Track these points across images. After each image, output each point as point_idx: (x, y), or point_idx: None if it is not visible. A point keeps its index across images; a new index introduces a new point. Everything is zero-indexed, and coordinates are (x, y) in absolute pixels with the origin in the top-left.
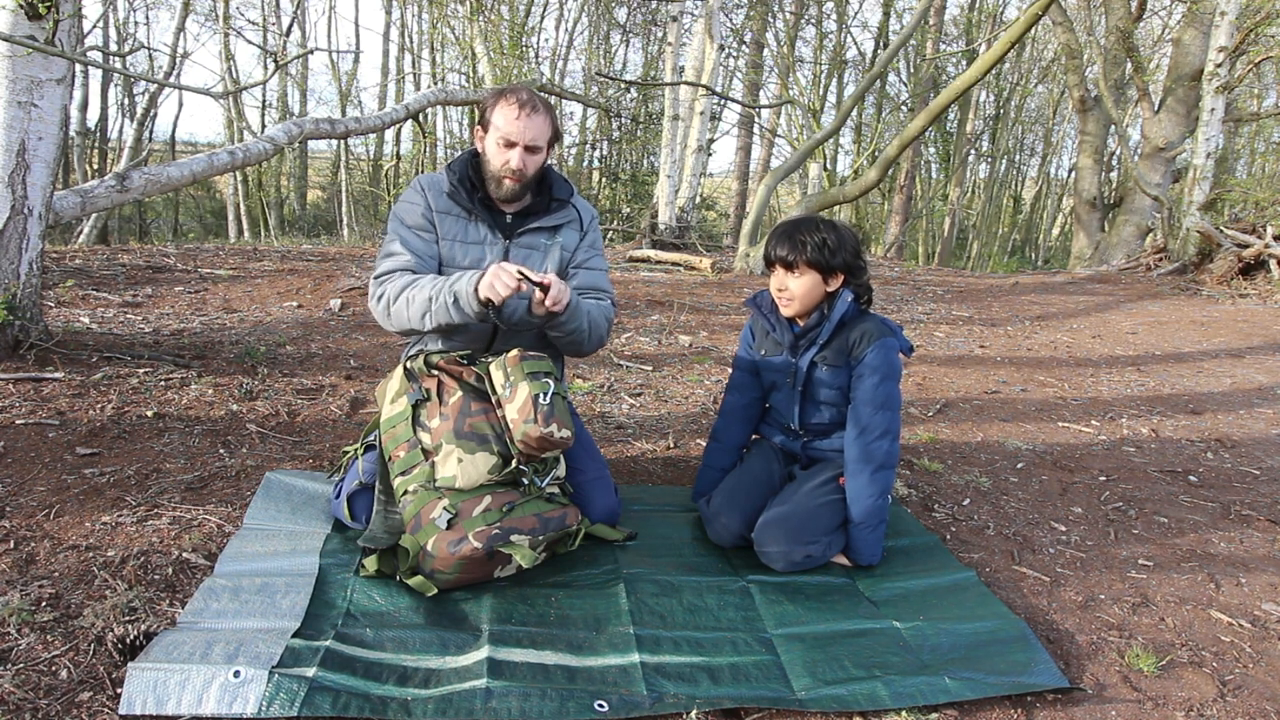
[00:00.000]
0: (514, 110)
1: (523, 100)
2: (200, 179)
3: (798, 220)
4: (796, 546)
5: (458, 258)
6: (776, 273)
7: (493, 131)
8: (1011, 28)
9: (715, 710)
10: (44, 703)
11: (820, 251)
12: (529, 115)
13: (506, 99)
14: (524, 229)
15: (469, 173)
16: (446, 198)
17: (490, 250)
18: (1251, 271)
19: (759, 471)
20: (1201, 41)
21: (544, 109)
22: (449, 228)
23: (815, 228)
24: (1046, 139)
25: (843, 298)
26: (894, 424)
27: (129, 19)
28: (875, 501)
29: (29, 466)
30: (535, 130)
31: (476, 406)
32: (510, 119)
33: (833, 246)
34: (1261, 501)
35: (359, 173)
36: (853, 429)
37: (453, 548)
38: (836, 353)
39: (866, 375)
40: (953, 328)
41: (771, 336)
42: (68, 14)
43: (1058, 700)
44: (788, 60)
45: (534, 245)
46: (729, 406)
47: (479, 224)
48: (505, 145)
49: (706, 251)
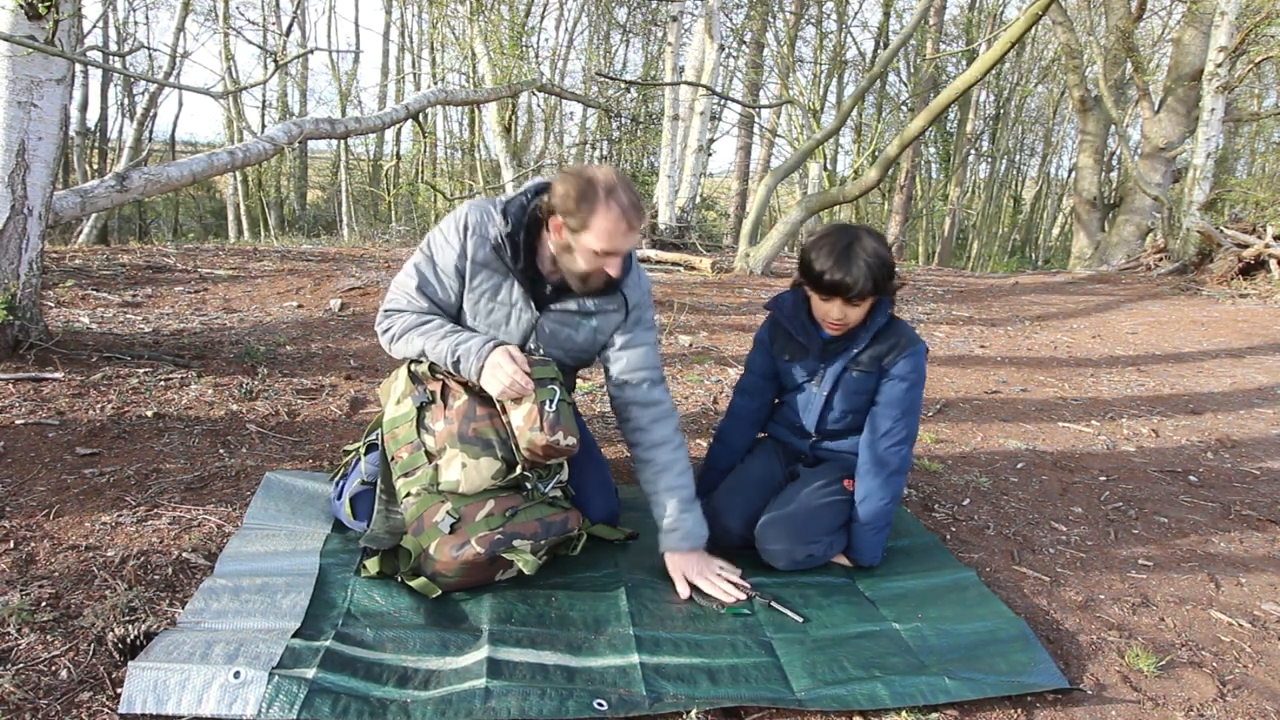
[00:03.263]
0: (623, 226)
1: (625, 206)
2: (200, 179)
3: (849, 242)
4: (799, 545)
5: (481, 312)
6: (833, 302)
7: (592, 239)
8: (1011, 28)
9: (715, 710)
10: (44, 703)
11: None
12: (633, 228)
13: (609, 206)
14: (560, 306)
15: (521, 234)
16: (490, 249)
17: (517, 316)
18: (1252, 271)
19: (759, 472)
20: (1201, 41)
21: (642, 210)
22: (481, 280)
23: (868, 249)
24: (1046, 139)
25: (882, 308)
26: (914, 431)
27: (129, 19)
28: (885, 505)
29: (29, 466)
30: (635, 239)
31: (481, 411)
32: (616, 234)
33: (889, 267)
34: (1261, 501)
35: (359, 173)
36: (872, 432)
37: (455, 552)
38: (871, 359)
39: (897, 381)
40: (953, 328)
41: (795, 341)
42: (68, 14)
43: (1058, 700)
44: (788, 60)
45: (566, 323)
46: (739, 410)
47: (515, 286)
48: (604, 255)
49: (706, 251)
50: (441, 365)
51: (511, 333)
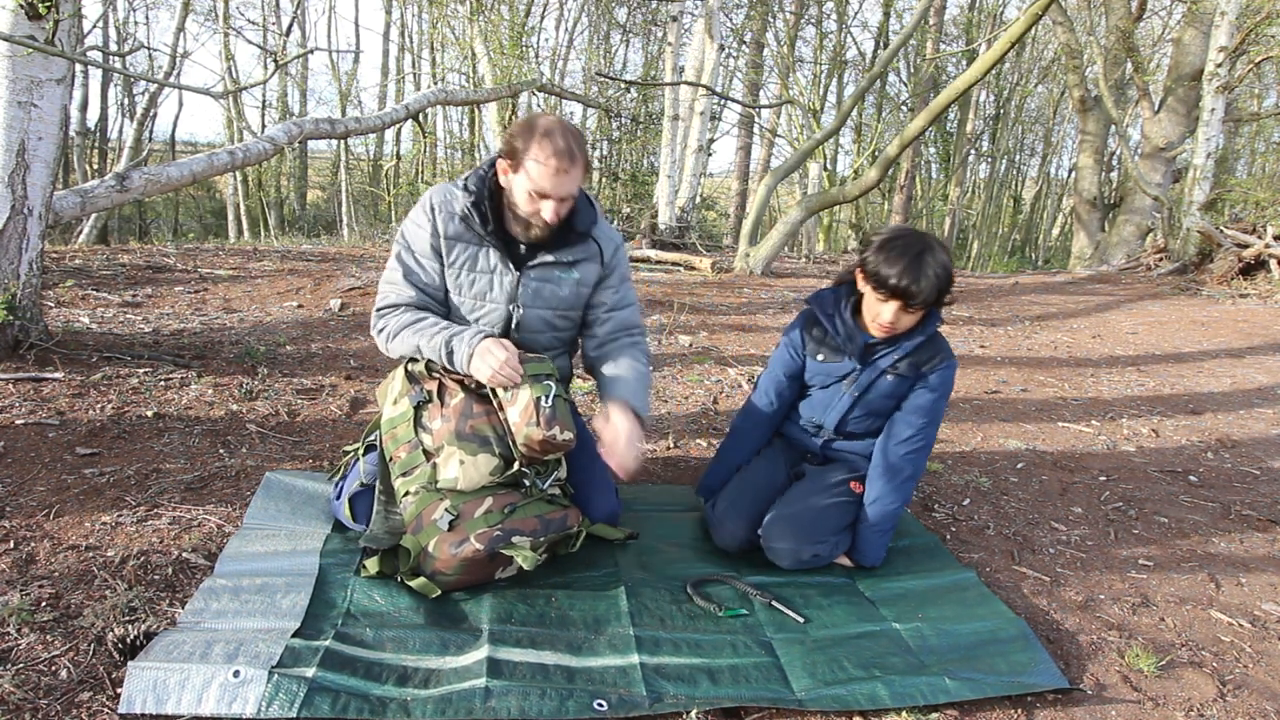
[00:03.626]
0: (552, 164)
1: (559, 149)
2: (200, 179)
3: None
4: (805, 545)
5: (464, 285)
6: (889, 305)
7: (525, 178)
8: (1011, 28)
9: (715, 710)
10: (44, 703)
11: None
12: (567, 170)
13: (542, 145)
14: (537, 262)
15: (485, 198)
16: (458, 221)
17: (499, 281)
18: (1252, 271)
19: (764, 475)
20: (1201, 41)
21: (580, 154)
22: (457, 254)
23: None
24: (1046, 139)
25: (934, 319)
26: (932, 441)
27: (129, 19)
28: (894, 509)
29: (29, 466)
30: (573, 183)
31: (478, 408)
32: (549, 174)
33: (952, 281)
34: (1261, 501)
35: (359, 173)
36: (889, 437)
37: (454, 549)
38: (910, 365)
39: (927, 391)
40: (953, 328)
41: (832, 341)
42: (68, 14)
43: (1058, 700)
44: (788, 60)
45: (547, 279)
46: (759, 412)
47: (490, 251)
48: (539, 197)
49: (706, 251)
50: (436, 359)
51: (497, 298)
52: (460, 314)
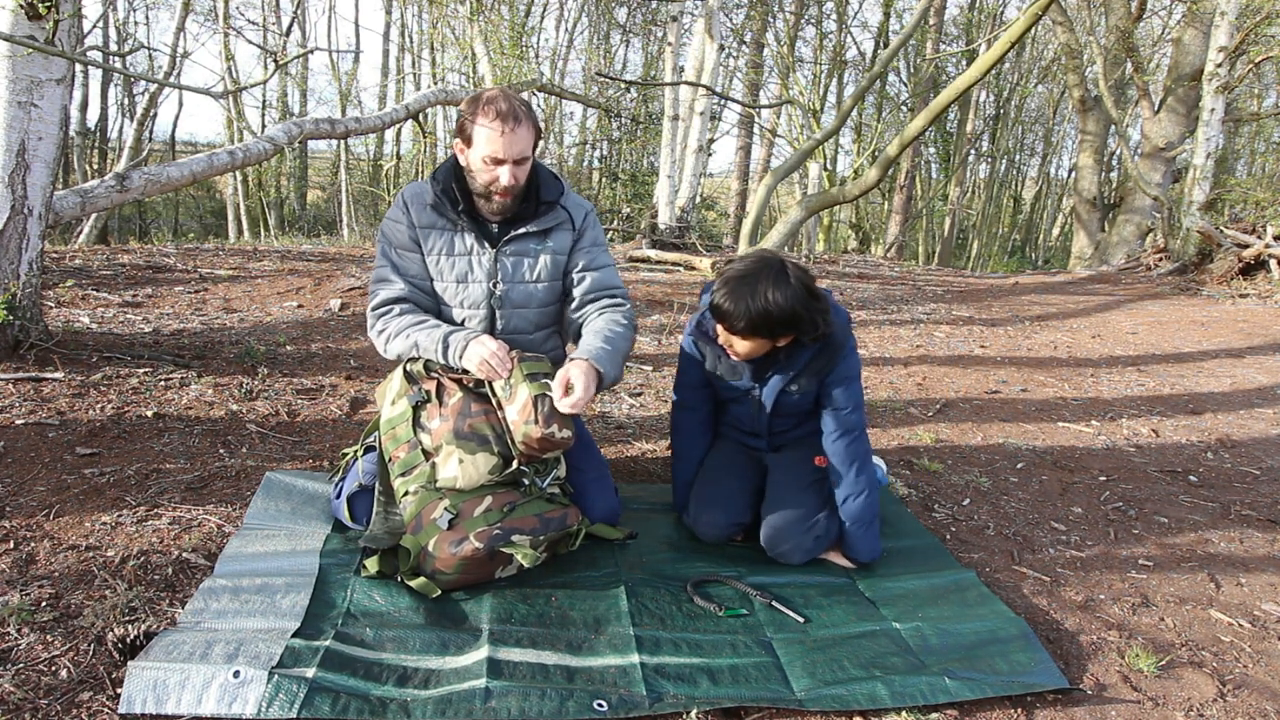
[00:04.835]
0: (496, 126)
1: (502, 111)
2: (200, 179)
3: (755, 274)
4: (805, 535)
5: (445, 270)
6: (728, 335)
7: (475, 149)
8: (1012, 27)
9: (715, 710)
10: (44, 703)
11: (761, 324)
12: (512, 130)
13: (484, 111)
14: (511, 236)
15: (453, 183)
16: (430, 210)
17: (477, 260)
18: (1251, 271)
19: (729, 463)
20: (1201, 41)
21: (525, 115)
22: (434, 242)
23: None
24: (1046, 139)
25: (804, 350)
26: (864, 419)
27: (129, 19)
28: (866, 497)
29: (29, 466)
30: (522, 143)
31: (476, 407)
32: (494, 137)
33: (779, 318)
34: (1261, 501)
35: (359, 173)
36: (831, 433)
37: (454, 548)
38: (809, 379)
39: (839, 382)
40: (953, 328)
41: (726, 361)
42: (68, 14)
43: (1058, 700)
44: (788, 60)
45: (523, 252)
46: (685, 425)
47: (465, 234)
48: (492, 163)
49: (706, 251)
50: (432, 352)
51: (478, 277)
52: (446, 301)
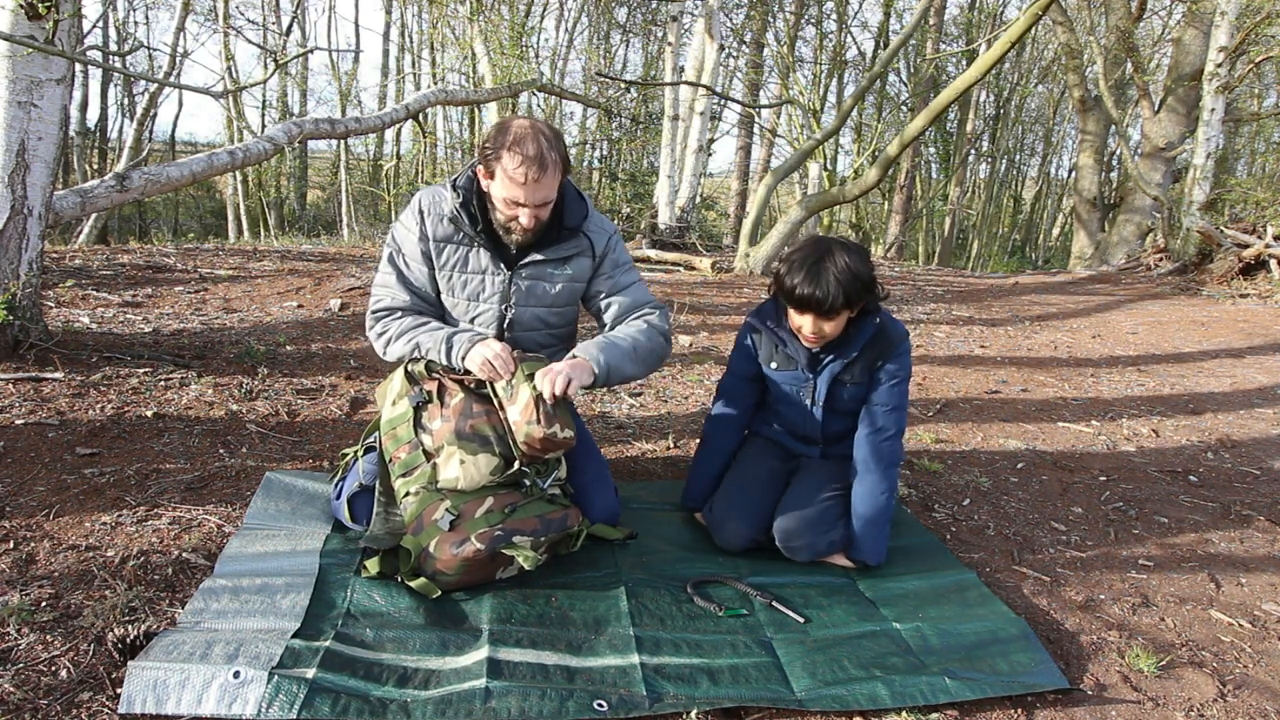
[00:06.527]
0: (520, 174)
1: (529, 157)
2: (200, 179)
3: (820, 256)
4: (820, 537)
5: (456, 287)
6: (805, 317)
7: (497, 187)
8: (1012, 27)
9: (715, 710)
10: (44, 703)
11: (849, 292)
12: (537, 179)
13: (512, 154)
14: (529, 260)
15: (473, 198)
16: (447, 222)
17: (491, 281)
18: (1252, 271)
19: (761, 471)
20: (1201, 41)
21: (553, 162)
22: (448, 256)
23: (839, 264)
24: (1046, 139)
25: (870, 322)
26: (904, 423)
27: (129, 19)
28: (886, 498)
29: (29, 466)
30: (546, 190)
31: (478, 408)
32: (518, 183)
33: (863, 280)
34: (1261, 501)
35: (359, 173)
36: (866, 428)
37: (455, 549)
38: (862, 369)
39: (886, 380)
40: (953, 328)
41: (782, 351)
42: (68, 14)
43: (1058, 700)
44: (788, 60)
45: (539, 276)
46: (723, 416)
47: (481, 252)
48: (514, 204)
49: (706, 251)
50: (435, 353)
51: (490, 297)
52: (454, 316)
